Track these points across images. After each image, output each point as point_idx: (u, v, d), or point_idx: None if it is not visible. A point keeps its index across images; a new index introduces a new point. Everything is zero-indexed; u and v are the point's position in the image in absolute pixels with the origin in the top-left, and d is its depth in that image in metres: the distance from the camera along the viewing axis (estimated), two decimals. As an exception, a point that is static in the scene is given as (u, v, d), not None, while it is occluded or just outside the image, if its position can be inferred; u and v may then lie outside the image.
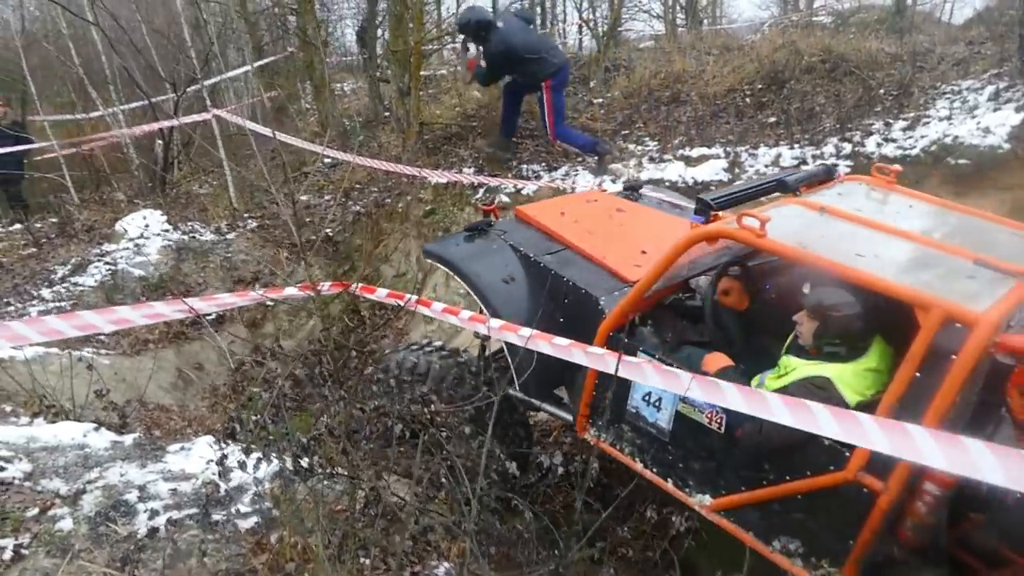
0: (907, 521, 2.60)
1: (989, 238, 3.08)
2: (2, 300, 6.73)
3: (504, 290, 3.77)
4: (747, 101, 8.76)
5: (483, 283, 3.78)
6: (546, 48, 7.79)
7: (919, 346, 2.46)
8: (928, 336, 2.43)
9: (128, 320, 3.11)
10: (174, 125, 9.82)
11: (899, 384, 2.52)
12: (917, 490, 2.55)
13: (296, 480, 2.75)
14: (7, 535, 3.09)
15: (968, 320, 2.37)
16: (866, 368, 2.89)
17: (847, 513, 2.69)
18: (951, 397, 2.36)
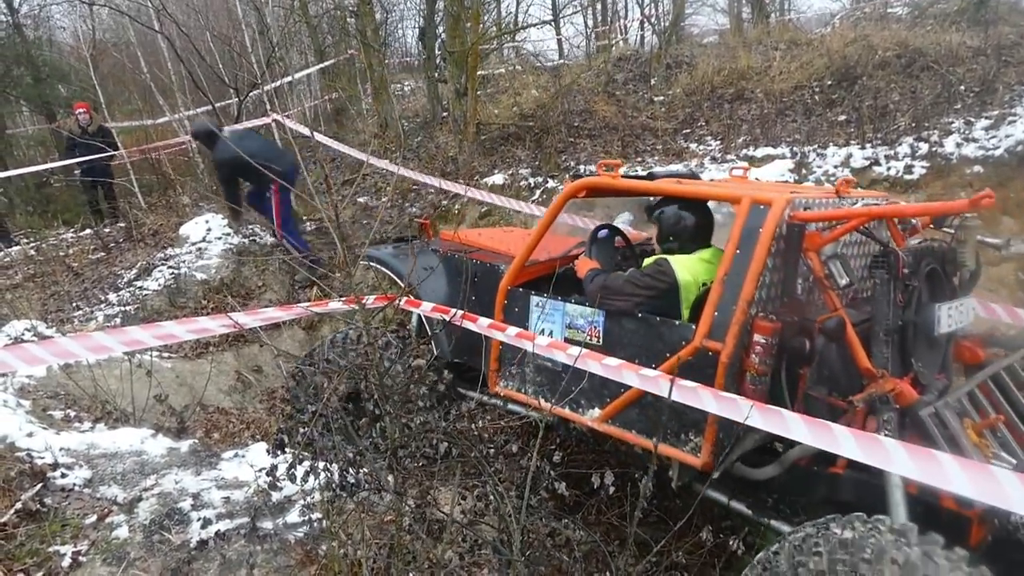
0: (747, 376, 3.01)
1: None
2: (72, 303, 6.93)
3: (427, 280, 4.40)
4: (816, 98, 8.46)
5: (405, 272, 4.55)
6: (272, 155, 7.87)
7: (735, 230, 3.08)
8: (741, 219, 3.07)
9: (174, 335, 3.13)
10: (236, 129, 10.00)
11: (726, 261, 3.09)
12: (749, 344, 2.99)
13: (343, 494, 2.71)
14: (67, 542, 3.14)
15: (767, 200, 3.07)
16: (699, 259, 3.47)
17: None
18: (762, 260, 2.97)
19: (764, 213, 3.05)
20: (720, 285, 3.09)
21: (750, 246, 3.03)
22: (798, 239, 3.05)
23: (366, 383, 2.52)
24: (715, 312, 3.08)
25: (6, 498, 3.28)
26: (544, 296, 3.81)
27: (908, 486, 2.69)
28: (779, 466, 3.24)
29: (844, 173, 6.91)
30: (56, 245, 9.33)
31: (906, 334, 3.12)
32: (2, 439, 3.61)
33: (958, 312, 3.32)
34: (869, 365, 2.97)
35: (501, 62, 15.51)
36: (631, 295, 3.42)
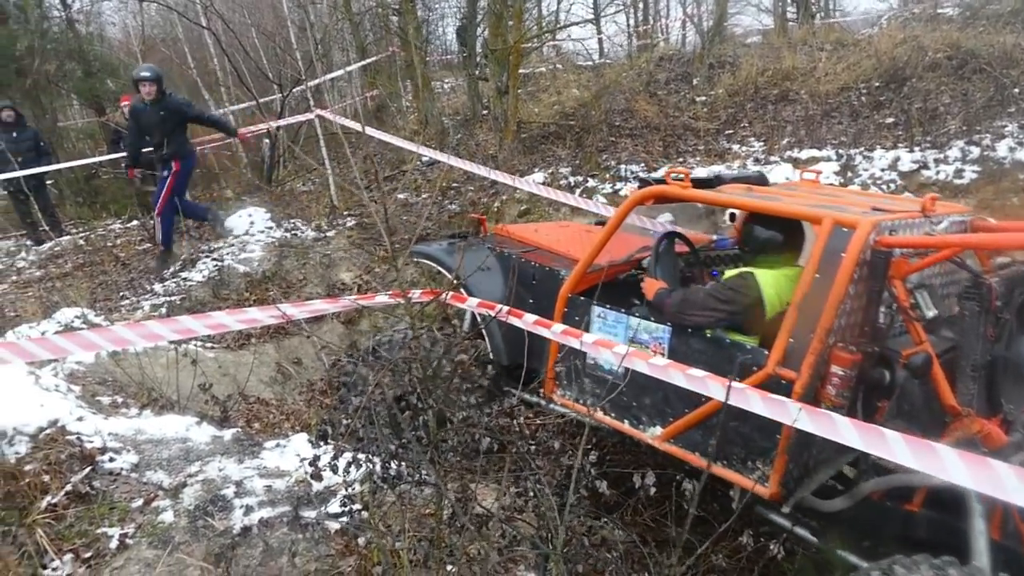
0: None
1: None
2: (119, 292, 7.08)
3: (479, 277, 4.29)
4: (863, 100, 8.32)
5: (462, 275, 4.31)
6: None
7: (816, 251, 2.92)
8: (822, 242, 2.91)
9: (224, 325, 3.19)
10: (280, 125, 10.13)
11: (804, 284, 2.94)
12: (825, 374, 2.86)
13: (384, 486, 2.73)
14: (114, 524, 3.21)
15: (851, 223, 2.88)
16: (784, 275, 3.29)
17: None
18: (843, 287, 2.81)
19: (847, 237, 2.87)
20: (796, 310, 2.94)
21: (831, 271, 2.86)
22: (883, 266, 2.86)
23: (409, 376, 2.53)
24: (789, 339, 2.95)
25: (57, 480, 3.37)
26: (607, 307, 3.71)
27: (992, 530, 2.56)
28: (850, 499, 3.08)
29: (891, 176, 6.80)
30: (104, 235, 9.54)
31: (995, 370, 2.93)
32: (53, 422, 3.70)
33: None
34: (955, 403, 2.80)
35: (542, 60, 15.50)
36: (713, 310, 3.26)
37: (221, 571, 2.81)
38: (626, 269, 4.32)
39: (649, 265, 3.84)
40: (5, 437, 3.54)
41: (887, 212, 3.11)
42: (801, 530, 3.26)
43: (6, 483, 3.30)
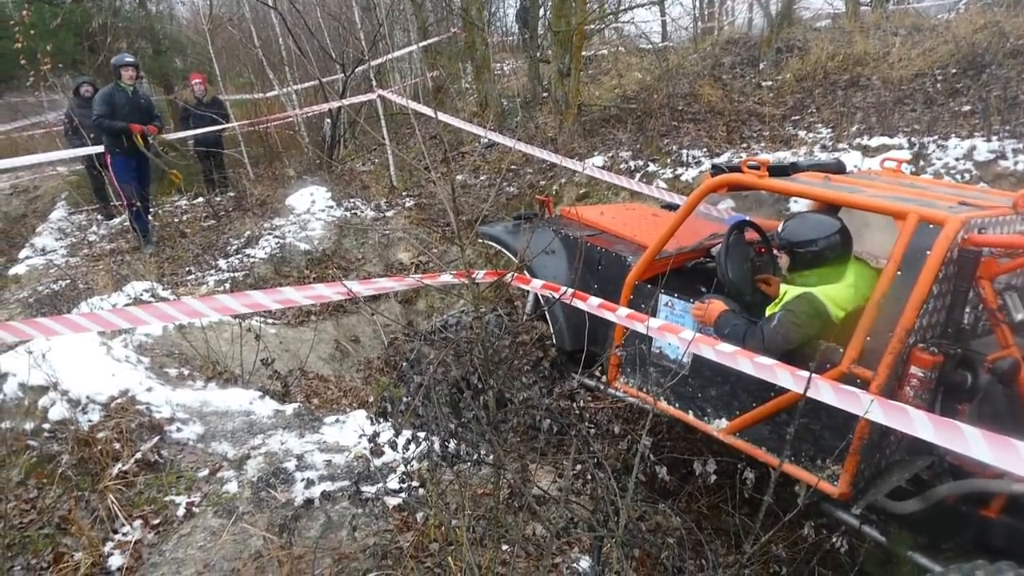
0: None
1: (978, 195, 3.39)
2: (185, 268, 7.26)
3: (543, 259, 4.32)
4: (938, 87, 8.00)
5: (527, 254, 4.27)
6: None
7: (899, 248, 2.80)
8: (906, 238, 2.79)
9: (292, 300, 3.25)
10: (341, 105, 10.22)
11: (884, 281, 2.83)
12: (904, 375, 2.79)
13: (443, 464, 2.75)
14: (181, 492, 3.31)
15: (938, 220, 2.74)
16: (847, 285, 3.17)
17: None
18: (927, 287, 2.69)
19: (934, 233, 2.74)
20: (875, 308, 2.84)
21: (915, 269, 2.74)
22: (971, 266, 2.74)
23: (471, 356, 2.53)
24: (867, 337, 2.85)
25: (127, 447, 3.48)
26: (675, 295, 3.65)
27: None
28: (923, 501, 2.97)
29: (966, 166, 6.54)
30: (171, 212, 9.79)
31: None
32: (124, 392, 3.82)
33: None
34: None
35: (604, 43, 15.31)
36: (783, 348, 3.10)
37: (284, 541, 2.87)
38: (695, 257, 4.26)
39: (719, 255, 3.72)
40: (79, 405, 3.66)
41: (976, 207, 2.95)
42: (869, 529, 3.15)
43: (80, 449, 3.43)
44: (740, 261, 3.70)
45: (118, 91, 7.93)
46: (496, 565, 2.69)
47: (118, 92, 7.93)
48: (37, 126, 14.56)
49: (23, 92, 14.57)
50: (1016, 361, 2.66)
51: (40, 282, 7.71)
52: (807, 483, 2.92)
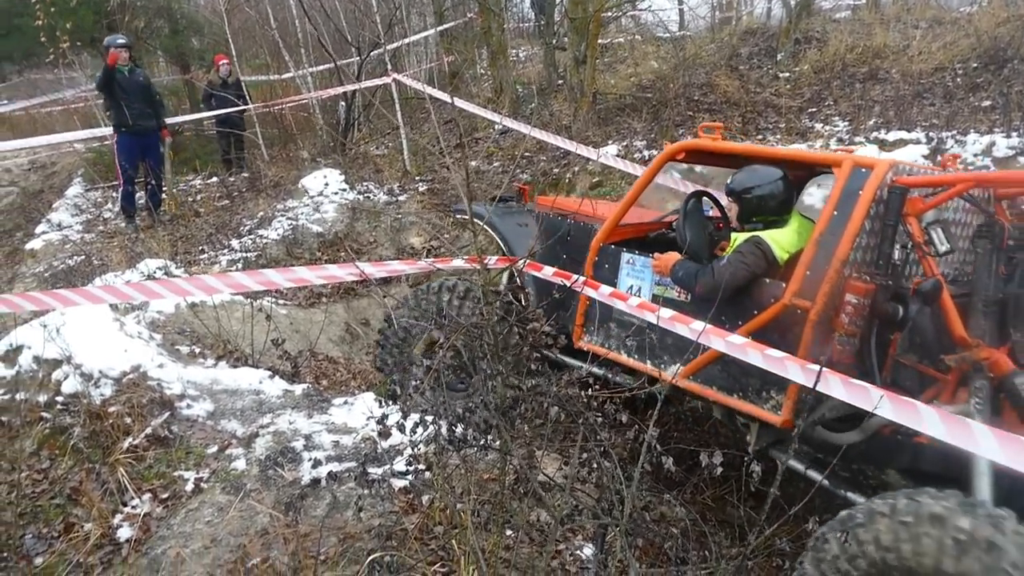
0: (836, 336, 3.05)
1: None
2: (198, 247, 7.31)
3: (519, 233, 4.54)
4: (958, 81, 7.92)
5: (503, 228, 4.64)
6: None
7: (836, 191, 3.12)
8: (842, 182, 3.11)
9: (305, 280, 3.28)
10: (356, 88, 10.22)
11: (823, 221, 3.12)
12: (840, 304, 3.03)
13: (450, 448, 2.77)
14: (190, 468, 3.36)
15: (869, 164, 3.12)
16: (791, 231, 3.48)
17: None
18: (859, 222, 3.00)
19: (865, 176, 3.08)
20: (814, 245, 3.13)
21: (848, 207, 3.06)
22: (899, 203, 3.04)
23: (480, 342, 2.55)
24: (807, 272, 3.12)
25: (138, 422, 3.53)
26: (635, 253, 3.89)
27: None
28: (862, 432, 3.13)
29: (985, 162, 6.49)
30: (185, 191, 9.84)
31: (1006, 307, 3.06)
32: (136, 367, 3.86)
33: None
34: (964, 333, 2.95)
35: (620, 31, 15.21)
36: (732, 286, 3.32)
37: (290, 519, 2.91)
38: (657, 227, 4.51)
39: (678, 221, 3.91)
40: (92, 379, 3.71)
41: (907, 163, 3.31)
42: (814, 473, 3.30)
43: (92, 423, 3.48)
44: (698, 227, 3.87)
45: (116, 71, 7.96)
46: (499, 550, 2.71)
47: (116, 72, 7.96)
48: (56, 103, 14.65)
49: (43, 69, 14.65)
50: (938, 282, 2.94)
51: (56, 257, 7.80)
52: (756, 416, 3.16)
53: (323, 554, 2.77)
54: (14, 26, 11.90)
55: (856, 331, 3.03)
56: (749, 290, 3.35)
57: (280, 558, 2.75)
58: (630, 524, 2.50)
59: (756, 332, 3.21)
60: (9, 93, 17.24)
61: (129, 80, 8.05)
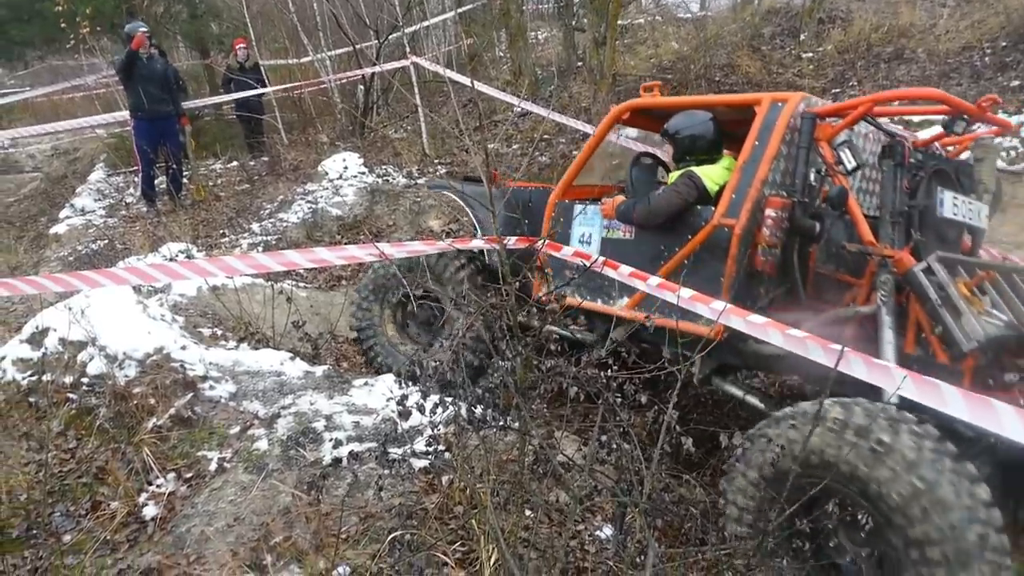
0: (759, 249, 3.41)
1: None
2: (219, 231, 7.36)
3: (486, 211, 4.70)
4: (986, 61, 7.77)
5: (472, 200, 4.97)
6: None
7: (756, 125, 3.52)
8: (761, 117, 3.52)
9: (325, 260, 3.30)
10: (375, 71, 10.20)
11: (746, 151, 3.52)
12: (761, 219, 3.40)
13: (469, 429, 2.78)
14: (213, 448, 3.39)
15: (784, 98, 3.54)
16: (721, 167, 3.85)
17: (716, 256, 3.50)
18: (776, 146, 3.43)
19: (780, 109, 3.51)
20: (739, 172, 3.52)
21: (767, 136, 3.47)
22: (810, 129, 3.43)
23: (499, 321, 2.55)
24: (732, 195, 3.50)
25: (162, 403, 3.57)
26: (586, 203, 4.31)
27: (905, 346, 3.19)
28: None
29: (1013, 143, 6.38)
30: (206, 175, 9.90)
31: (911, 218, 3.39)
32: (159, 349, 3.90)
33: (965, 206, 3.59)
34: (871, 237, 3.33)
35: (640, 12, 15.07)
36: (666, 211, 3.72)
37: (312, 499, 2.93)
38: (609, 189, 4.93)
39: (626, 183, 4.30)
40: (116, 361, 3.76)
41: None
42: (752, 398, 3.71)
43: (117, 403, 3.52)
44: (644, 181, 4.29)
45: (135, 57, 8.02)
46: (519, 530, 2.73)
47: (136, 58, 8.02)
48: (77, 88, 14.76)
49: (64, 55, 14.75)
50: (844, 189, 3.32)
51: (80, 241, 7.88)
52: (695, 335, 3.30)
53: (344, 533, 2.80)
54: (35, 12, 11.96)
55: (777, 242, 3.39)
56: (685, 218, 3.71)
57: (302, 536, 2.78)
58: (649, 504, 2.50)
59: (693, 252, 3.60)
60: (31, 79, 17.39)
61: (148, 66, 8.10)
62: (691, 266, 3.53)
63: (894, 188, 3.36)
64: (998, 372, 3.06)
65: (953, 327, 2.96)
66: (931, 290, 3.06)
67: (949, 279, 3.06)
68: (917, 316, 3.25)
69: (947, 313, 2.99)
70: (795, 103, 3.49)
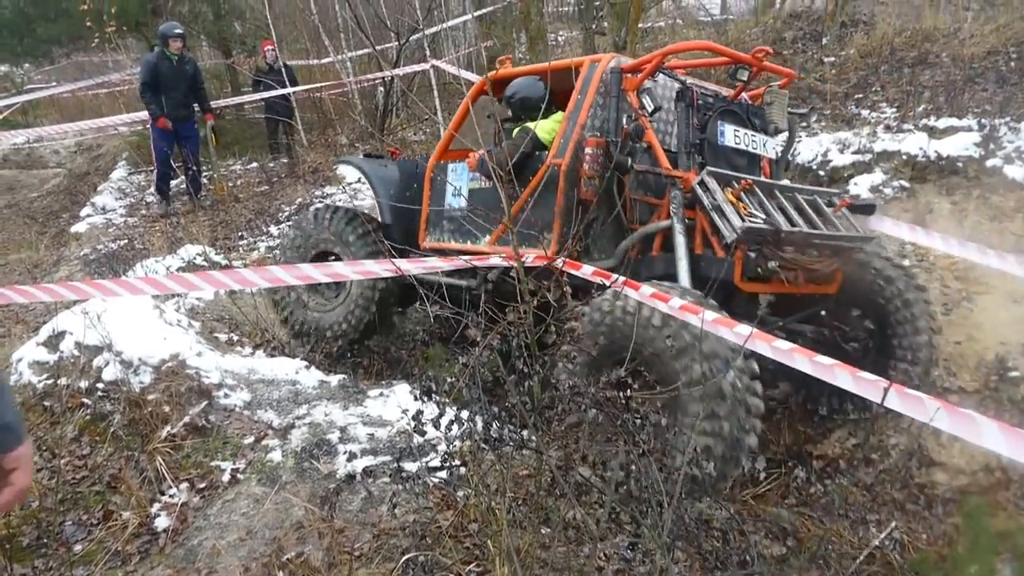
0: (582, 181, 4.08)
1: None
2: (237, 233, 7.36)
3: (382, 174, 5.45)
4: (1012, 65, 7.61)
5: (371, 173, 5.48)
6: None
7: (579, 82, 4.30)
8: (582, 76, 4.31)
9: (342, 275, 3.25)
10: (396, 74, 10.19)
11: (570, 104, 4.29)
12: (582, 157, 4.07)
13: (486, 448, 2.73)
14: (227, 458, 3.37)
15: (599, 59, 4.34)
16: (553, 121, 4.45)
17: (551, 191, 4.17)
18: (591, 96, 4.23)
19: (596, 67, 4.28)
20: (565, 120, 4.29)
21: (586, 89, 4.26)
22: (618, 81, 4.16)
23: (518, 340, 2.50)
24: (560, 140, 4.25)
25: (176, 411, 3.55)
26: (456, 161, 4.91)
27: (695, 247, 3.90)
28: (617, 257, 4.18)
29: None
30: (226, 176, 9.92)
31: (702, 148, 4.06)
32: (175, 356, 3.88)
33: (747, 137, 4.28)
34: (667, 164, 4.03)
35: (661, 15, 14.96)
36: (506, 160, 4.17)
37: (325, 514, 2.90)
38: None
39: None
40: (131, 367, 3.74)
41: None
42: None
43: (131, 410, 3.50)
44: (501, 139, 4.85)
45: (163, 60, 8.05)
46: (535, 548, 2.68)
47: (163, 61, 8.06)
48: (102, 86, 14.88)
49: (89, 52, 14.88)
50: (641, 126, 4.02)
51: (100, 241, 7.92)
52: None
53: (357, 550, 2.76)
54: (62, 10, 12.07)
55: (596, 175, 4.04)
56: (528, 164, 4.35)
57: (315, 553, 2.75)
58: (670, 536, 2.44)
59: (535, 190, 4.17)
60: (57, 75, 17.56)
61: (176, 70, 8.12)
62: (535, 201, 4.04)
63: (687, 125, 4.05)
64: (763, 261, 3.69)
65: (720, 223, 3.66)
66: (705, 198, 3.73)
67: (719, 188, 3.73)
68: (701, 223, 3.91)
69: (716, 214, 3.68)
70: (607, 61, 4.26)
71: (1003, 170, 6.09)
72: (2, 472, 1.21)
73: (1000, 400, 4.61)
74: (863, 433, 4.53)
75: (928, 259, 5.74)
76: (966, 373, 4.93)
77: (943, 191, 6.26)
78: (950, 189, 6.25)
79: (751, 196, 3.88)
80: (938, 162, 6.41)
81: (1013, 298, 5.22)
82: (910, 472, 4.23)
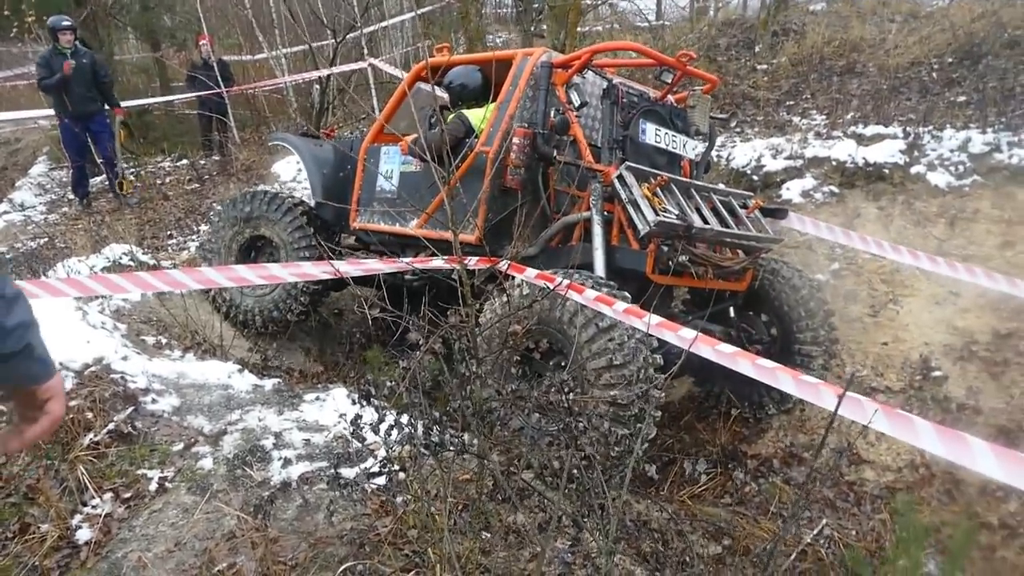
0: (508, 169, 4.19)
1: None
2: (166, 232, 7.12)
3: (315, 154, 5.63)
4: (934, 76, 7.92)
5: (304, 151, 5.66)
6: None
7: (511, 74, 4.46)
8: (514, 68, 4.47)
9: (277, 277, 3.16)
10: (332, 72, 10.02)
11: (501, 96, 4.43)
12: (509, 145, 4.16)
13: (426, 453, 2.68)
14: (154, 467, 3.23)
15: (531, 53, 4.48)
16: (485, 110, 4.60)
17: (477, 177, 4.29)
18: (522, 88, 4.38)
19: (527, 60, 4.43)
20: (496, 110, 4.44)
21: (517, 81, 4.39)
22: (548, 75, 4.30)
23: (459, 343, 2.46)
24: (490, 128, 4.42)
25: (100, 418, 3.39)
26: (387, 144, 5.09)
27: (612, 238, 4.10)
28: (539, 245, 4.39)
29: (960, 158, 6.49)
30: (154, 173, 9.59)
31: (624, 146, 4.25)
32: (99, 360, 3.71)
33: (668, 137, 4.50)
34: (590, 158, 4.24)
35: (599, 19, 15.11)
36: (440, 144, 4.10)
37: (258, 523, 2.80)
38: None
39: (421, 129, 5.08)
40: (52, 372, 3.55)
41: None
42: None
43: (51, 418, 3.32)
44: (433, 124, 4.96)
45: (56, 55, 7.72)
46: (476, 554, 2.64)
47: (56, 57, 7.72)
48: (20, 77, 14.24)
49: (7, 43, 14.22)
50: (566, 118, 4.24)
51: (18, 239, 7.56)
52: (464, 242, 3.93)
53: (293, 560, 2.67)
54: (-24, -1, 11.49)
55: (522, 164, 4.16)
56: (458, 149, 4.41)
57: (247, 564, 2.65)
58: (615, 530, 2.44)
59: (463, 176, 4.33)
60: (-29, 66, 16.73)
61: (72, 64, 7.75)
62: (463, 186, 4.16)
63: (611, 121, 4.21)
64: (675, 254, 3.89)
65: (635, 217, 3.84)
66: (623, 191, 3.90)
67: (636, 183, 3.89)
68: (619, 215, 4.08)
69: (632, 207, 3.85)
70: (538, 55, 4.41)
71: (926, 176, 6.33)
72: (38, 403, 1.35)
73: (924, 399, 4.78)
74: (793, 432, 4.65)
75: (856, 262, 5.92)
76: (892, 373, 5.10)
77: (870, 196, 6.47)
78: (877, 195, 6.46)
79: (668, 194, 4.05)
80: (866, 168, 6.62)
81: (936, 300, 5.42)
82: (840, 470, 4.35)
